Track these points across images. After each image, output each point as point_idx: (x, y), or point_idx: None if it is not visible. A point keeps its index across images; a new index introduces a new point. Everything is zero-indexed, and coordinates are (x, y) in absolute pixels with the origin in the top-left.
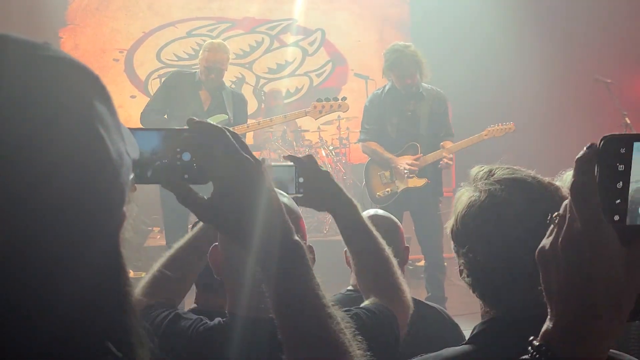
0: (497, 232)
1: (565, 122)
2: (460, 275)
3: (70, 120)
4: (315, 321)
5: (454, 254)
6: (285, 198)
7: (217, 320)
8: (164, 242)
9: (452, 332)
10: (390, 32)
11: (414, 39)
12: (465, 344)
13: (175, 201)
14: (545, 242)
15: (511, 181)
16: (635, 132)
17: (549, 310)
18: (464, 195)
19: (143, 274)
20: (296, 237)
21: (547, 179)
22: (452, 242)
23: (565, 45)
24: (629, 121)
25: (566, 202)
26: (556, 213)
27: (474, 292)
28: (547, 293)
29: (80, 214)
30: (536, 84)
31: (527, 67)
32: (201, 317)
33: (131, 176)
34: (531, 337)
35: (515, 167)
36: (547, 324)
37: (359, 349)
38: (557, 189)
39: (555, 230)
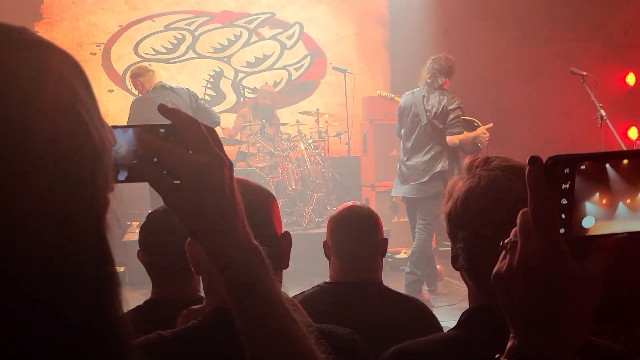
0: (500, 213)
1: (543, 114)
2: (455, 262)
3: (53, 105)
4: (277, 326)
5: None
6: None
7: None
8: None
9: (429, 324)
10: (368, 26)
11: (393, 32)
12: (454, 329)
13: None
14: (500, 266)
15: (511, 168)
16: (579, 153)
17: (511, 328)
18: (460, 182)
19: (122, 269)
20: (255, 242)
21: None
22: (447, 227)
23: (544, 39)
24: (604, 113)
25: (515, 229)
26: (507, 240)
27: (468, 277)
28: (508, 312)
29: (64, 199)
30: (514, 77)
31: (506, 60)
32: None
33: (113, 163)
34: (497, 355)
35: (509, 158)
36: (512, 341)
37: (323, 353)
38: None
39: (509, 254)
